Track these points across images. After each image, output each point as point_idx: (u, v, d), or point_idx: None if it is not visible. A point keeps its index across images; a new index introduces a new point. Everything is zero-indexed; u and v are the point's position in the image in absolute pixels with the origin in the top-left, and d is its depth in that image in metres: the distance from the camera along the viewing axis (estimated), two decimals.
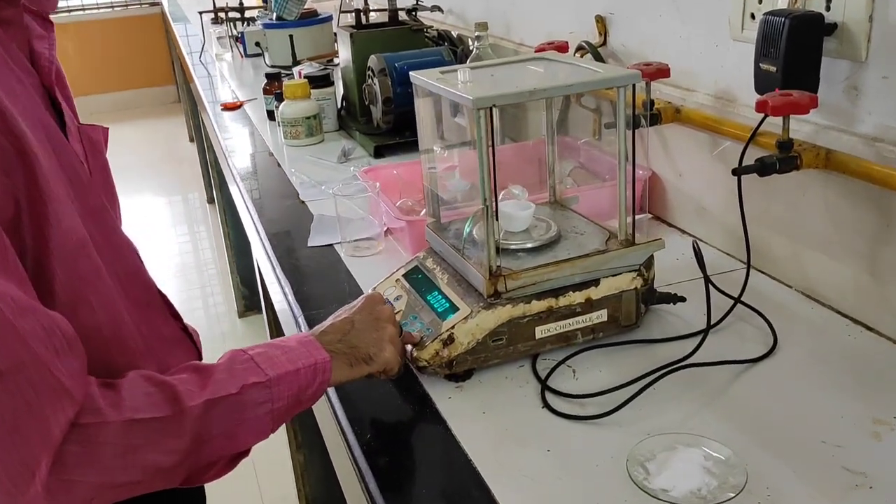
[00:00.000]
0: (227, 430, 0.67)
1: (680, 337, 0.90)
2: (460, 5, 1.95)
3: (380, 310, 0.82)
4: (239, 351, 0.71)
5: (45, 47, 0.71)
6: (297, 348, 0.73)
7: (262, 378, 0.69)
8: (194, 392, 0.65)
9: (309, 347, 0.73)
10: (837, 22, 0.85)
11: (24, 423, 0.55)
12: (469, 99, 0.78)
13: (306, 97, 1.73)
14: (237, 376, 0.68)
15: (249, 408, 0.68)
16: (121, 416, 0.60)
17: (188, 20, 3.86)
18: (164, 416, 0.62)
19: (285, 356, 0.71)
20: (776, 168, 0.87)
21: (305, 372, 0.72)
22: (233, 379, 0.67)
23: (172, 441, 0.63)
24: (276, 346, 0.73)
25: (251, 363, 0.69)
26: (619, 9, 1.27)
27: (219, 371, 0.68)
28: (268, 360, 0.70)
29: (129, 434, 0.60)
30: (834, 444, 0.72)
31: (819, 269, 0.95)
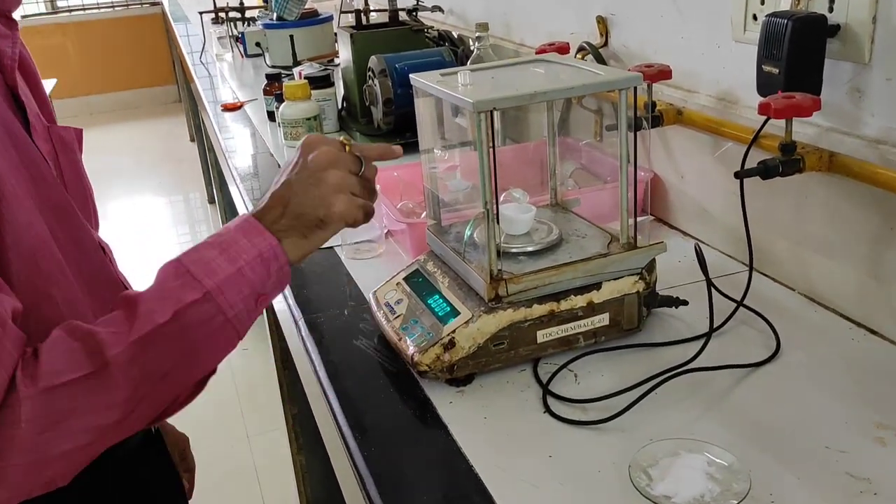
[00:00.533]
0: (177, 360, 0.61)
1: (682, 340, 0.90)
2: (461, 6, 1.95)
3: (314, 159, 0.71)
4: (172, 262, 0.64)
5: (8, 45, 0.69)
6: (238, 239, 0.65)
7: (200, 293, 0.61)
8: (120, 335, 0.58)
9: (250, 235, 0.66)
10: (840, 23, 0.85)
11: None
12: (470, 102, 0.78)
13: (306, 98, 1.72)
14: (169, 298, 0.61)
15: (195, 328, 0.61)
16: (35, 387, 0.55)
17: (188, 20, 3.85)
18: (87, 374, 0.57)
19: (223, 256, 0.64)
20: (779, 171, 0.87)
21: (252, 267, 0.65)
22: (164, 304, 0.60)
23: (105, 396, 0.57)
24: (213, 245, 0.65)
25: (186, 276, 0.62)
26: (620, 9, 1.26)
27: (146, 300, 0.61)
28: (203, 267, 0.63)
29: (51, 404, 0.55)
30: (838, 449, 0.71)
31: (822, 272, 0.95)
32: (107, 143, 5.31)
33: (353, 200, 0.72)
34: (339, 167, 0.71)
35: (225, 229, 0.68)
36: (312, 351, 0.94)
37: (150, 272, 0.80)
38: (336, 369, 0.90)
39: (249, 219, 0.67)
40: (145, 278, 0.67)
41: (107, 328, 0.59)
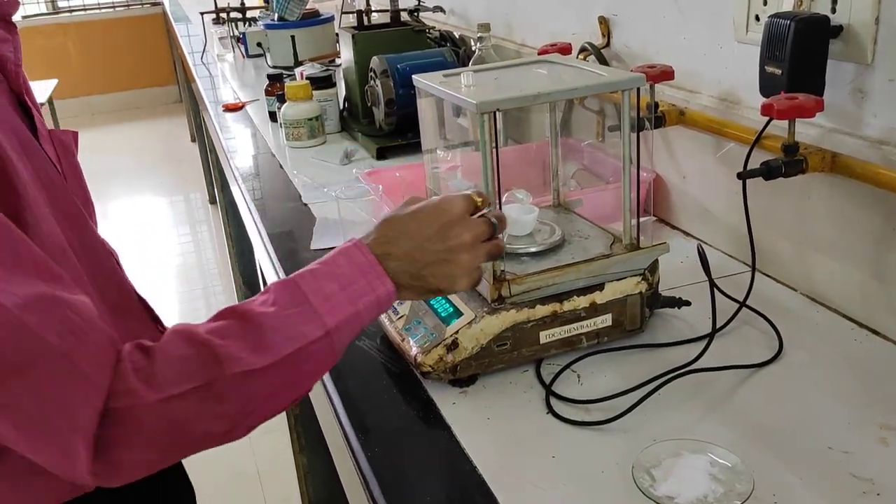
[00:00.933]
0: (285, 385, 0.62)
1: (685, 341, 0.90)
2: (462, 6, 1.95)
3: (455, 234, 0.69)
4: (289, 284, 0.64)
5: (9, 51, 0.69)
6: (357, 279, 0.65)
7: (322, 331, 0.62)
8: (241, 359, 0.59)
9: (369, 277, 0.65)
10: (843, 24, 0.85)
11: (53, 417, 0.54)
12: (473, 103, 0.78)
13: (308, 98, 1.72)
14: (295, 336, 0.61)
15: (308, 362, 0.63)
16: (157, 393, 0.56)
17: (189, 20, 3.85)
18: (202, 385, 0.58)
19: (344, 293, 0.64)
20: (782, 172, 0.87)
21: (367, 310, 0.65)
22: (290, 340, 0.61)
23: (217, 407, 0.59)
24: (331, 277, 0.64)
25: (307, 306, 0.62)
26: (622, 10, 1.26)
27: (272, 330, 0.61)
28: (324, 301, 0.63)
29: (169, 410, 0.57)
30: (841, 450, 0.71)
31: (825, 273, 0.95)
32: (107, 143, 5.31)
33: (475, 274, 0.72)
34: (476, 250, 0.71)
35: (341, 260, 0.67)
36: None
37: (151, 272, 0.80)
38: (339, 370, 0.90)
39: (372, 259, 0.67)
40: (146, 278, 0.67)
41: (224, 342, 0.59)
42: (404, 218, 0.71)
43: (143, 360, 0.58)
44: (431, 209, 0.71)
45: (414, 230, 0.69)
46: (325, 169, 1.58)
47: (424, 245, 0.69)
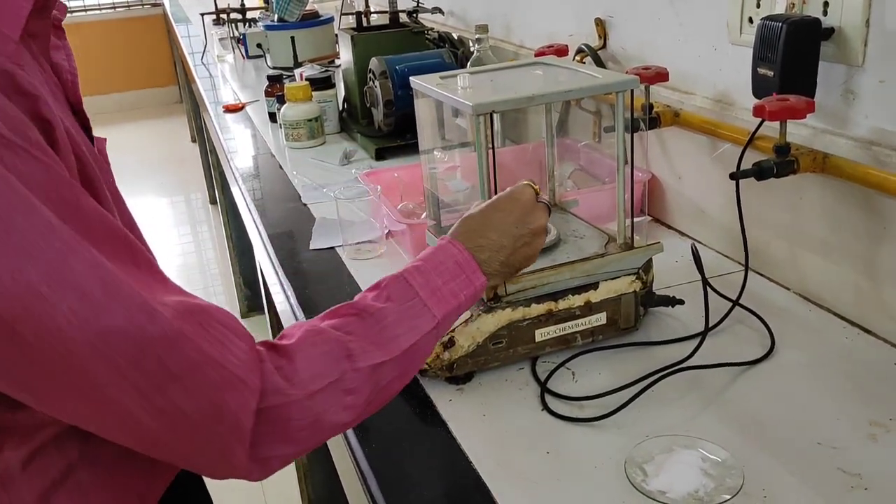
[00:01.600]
0: (400, 375, 0.67)
1: (678, 339, 0.91)
2: (461, 7, 1.96)
3: (534, 218, 0.78)
4: (400, 280, 0.69)
5: (62, 58, 0.68)
6: (457, 274, 0.71)
7: (433, 324, 0.68)
8: (369, 352, 0.64)
9: (468, 272, 0.72)
10: (834, 26, 0.86)
11: (212, 420, 0.56)
12: (469, 105, 0.79)
13: (308, 99, 1.74)
14: (412, 329, 0.67)
15: (420, 351, 0.68)
16: (302, 390, 0.60)
17: (190, 21, 3.87)
18: (340, 378, 0.62)
19: (447, 287, 0.70)
20: (773, 172, 0.88)
21: (466, 303, 0.72)
22: (408, 333, 0.67)
23: (351, 398, 0.63)
24: (437, 273, 0.70)
25: (417, 301, 0.68)
26: (618, 12, 1.28)
27: (392, 325, 0.66)
28: (434, 296, 0.69)
29: (313, 405, 0.61)
30: (830, 445, 0.73)
31: (817, 272, 0.96)
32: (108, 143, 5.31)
33: None
34: (543, 233, 0.80)
35: (439, 257, 0.72)
36: None
37: None
38: None
39: (466, 255, 0.73)
40: None
41: (353, 338, 0.64)
42: (486, 211, 0.78)
43: (283, 360, 0.61)
44: (508, 199, 0.79)
45: (499, 220, 0.76)
46: (324, 169, 1.59)
47: (510, 231, 0.76)
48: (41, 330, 0.50)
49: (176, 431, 0.55)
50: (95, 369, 0.52)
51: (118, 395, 0.53)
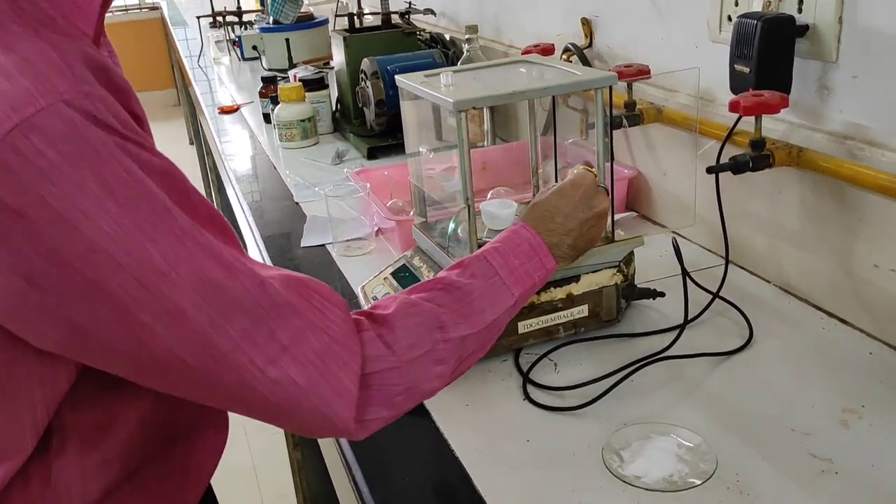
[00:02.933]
0: (483, 344, 0.71)
1: (659, 331, 0.93)
2: (452, 8, 1.98)
3: (598, 202, 0.84)
4: (481, 259, 0.73)
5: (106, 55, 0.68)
6: (532, 256, 0.76)
7: (511, 301, 0.72)
8: (458, 324, 0.68)
9: (541, 255, 0.76)
10: (809, 24, 0.88)
11: (320, 386, 0.58)
12: (450, 101, 0.81)
13: (301, 100, 1.76)
14: (496, 303, 0.71)
15: (500, 325, 0.72)
16: (402, 357, 0.64)
17: (187, 24, 3.89)
18: (433, 348, 0.66)
19: (523, 267, 0.74)
20: (749, 166, 0.90)
21: (539, 283, 0.76)
22: (493, 307, 0.71)
23: (439, 367, 0.67)
24: (514, 254, 0.75)
25: (498, 280, 0.72)
26: (603, 11, 1.30)
27: (479, 298, 0.70)
28: (512, 275, 0.73)
29: (411, 371, 0.64)
30: (803, 431, 0.74)
31: (796, 264, 0.98)
32: None
33: None
34: (606, 215, 0.86)
35: (515, 240, 0.76)
36: None
37: None
38: None
39: (539, 240, 0.77)
40: None
41: (445, 310, 0.68)
42: (552, 198, 0.82)
43: (382, 328, 0.64)
44: (571, 186, 0.84)
45: (565, 206, 0.81)
46: (317, 169, 1.61)
47: (576, 215, 0.81)
48: (161, 310, 0.53)
49: (290, 401, 0.58)
50: (213, 341, 0.55)
51: (234, 369, 0.56)
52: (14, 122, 0.48)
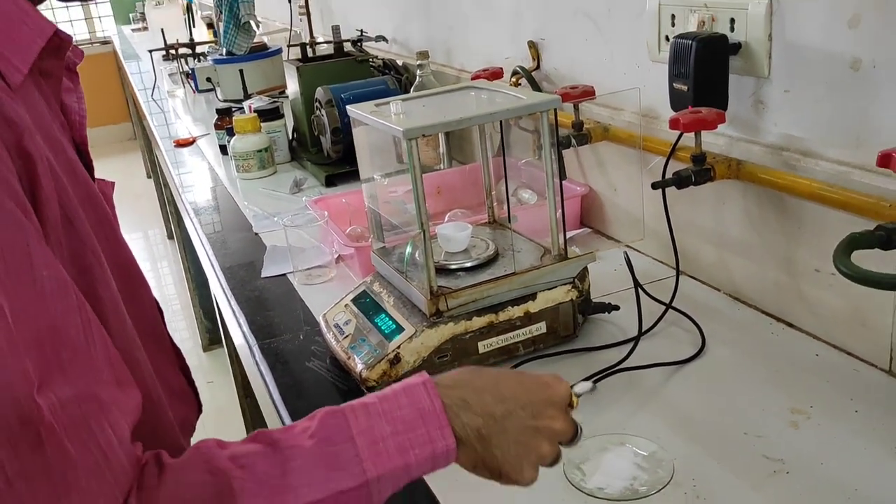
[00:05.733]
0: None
1: (616, 344, 0.95)
2: (403, 35, 2.01)
3: (550, 416, 0.62)
4: (338, 416, 0.56)
5: (73, 101, 0.69)
6: (416, 425, 0.56)
7: (358, 482, 0.54)
8: (259, 496, 0.52)
9: (432, 427, 0.57)
10: (741, 42, 0.92)
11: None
12: (400, 130, 0.83)
13: (256, 131, 1.76)
14: (321, 476, 0.53)
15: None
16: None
17: (140, 58, 3.88)
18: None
19: (396, 438, 0.56)
20: (692, 181, 0.93)
21: (419, 463, 0.56)
22: (319, 486, 0.53)
23: None
24: (388, 418, 0.57)
25: (349, 452, 0.54)
26: (549, 34, 1.33)
27: (300, 470, 0.53)
28: (373, 447, 0.55)
29: None
30: (755, 434, 0.77)
31: (743, 272, 1.01)
32: None
33: (536, 472, 0.62)
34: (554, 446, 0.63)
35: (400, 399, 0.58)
36: (267, 375, 0.98)
37: None
38: (289, 391, 0.94)
39: (437, 403, 0.58)
40: None
41: (243, 473, 0.53)
42: (503, 375, 0.64)
43: (152, 480, 0.52)
44: (536, 378, 0.64)
45: (508, 391, 0.61)
46: (275, 198, 1.62)
47: (514, 411, 0.60)
48: None
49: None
50: None
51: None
52: None
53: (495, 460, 0.60)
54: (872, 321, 0.84)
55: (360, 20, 2.22)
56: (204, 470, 0.53)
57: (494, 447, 0.59)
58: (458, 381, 0.61)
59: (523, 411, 0.60)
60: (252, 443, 0.55)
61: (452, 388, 0.60)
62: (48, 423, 0.47)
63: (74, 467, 0.48)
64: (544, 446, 0.61)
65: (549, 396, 0.63)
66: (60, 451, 0.48)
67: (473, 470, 0.61)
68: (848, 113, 0.82)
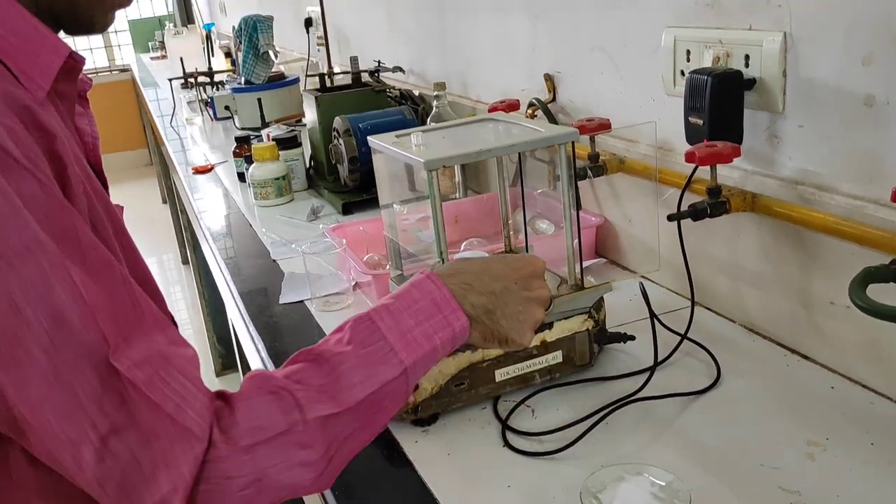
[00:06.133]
0: (363, 424, 0.62)
1: (632, 373, 0.96)
2: (420, 66, 2.04)
3: (536, 285, 0.74)
4: (365, 321, 0.64)
5: (85, 124, 0.72)
6: (433, 313, 0.65)
7: (398, 370, 0.62)
8: (321, 403, 0.59)
9: (447, 312, 0.66)
10: (756, 77, 0.93)
11: (158, 471, 0.54)
12: (421, 161, 0.85)
13: (275, 159, 1.79)
14: (372, 376, 0.61)
15: (385, 400, 0.63)
16: (238, 443, 0.56)
17: (158, 85, 3.94)
18: (289, 430, 0.58)
19: (420, 328, 0.64)
20: (707, 213, 0.94)
21: (443, 347, 0.66)
22: (367, 381, 0.61)
23: (304, 453, 0.58)
24: (409, 312, 0.65)
25: (385, 348, 0.62)
26: (565, 68, 1.35)
27: (348, 372, 0.61)
28: (401, 338, 0.63)
29: (254, 460, 0.57)
30: (771, 466, 0.77)
31: (758, 304, 1.02)
32: None
33: (534, 332, 0.75)
34: (543, 310, 0.75)
35: (415, 295, 0.66)
36: None
37: None
38: None
39: (446, 292, 0.67)
40: None
41: (302, 387, 0.60)
42: (489, 260, 0.75)
43: (225, 409, 0.58)
44: (519, 258, 0.76)
45: (498, 272, 0.71)
46: (292, 226, 1.64)
47: (509, 286, 0.71)
48: (10, 359, 0.51)
49: (122, 482, 0.54)
50: (57, 399, 0.52)
51: (74, 431, 0.53)
52: None
53: (501, 329, 0.70)
54: (887, 354, 0.85)
55: (377, 52, 2.26)
56: (267, 392, 0.59)
57: (500, 318, 0.70)
58: (456, 269, 0.70)
59: (516, 285, 0.71)
60: (297, 362, 0.63)
61: (454, 276, 0.69)
62: (127, 379, 0.53)
63: (158, 413, 0.54)
64: (538, 311, 0.74)
65: (533, 271, 0.74)
66: (143, 401, 0.54)
67: (484, 343, 0.71)
68: (862, 148, 0.84)
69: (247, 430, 0.57)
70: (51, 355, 0.52)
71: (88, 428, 0.53)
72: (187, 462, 0.54)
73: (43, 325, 0.52)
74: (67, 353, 0.52)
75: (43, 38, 0.64)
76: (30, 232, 0.52)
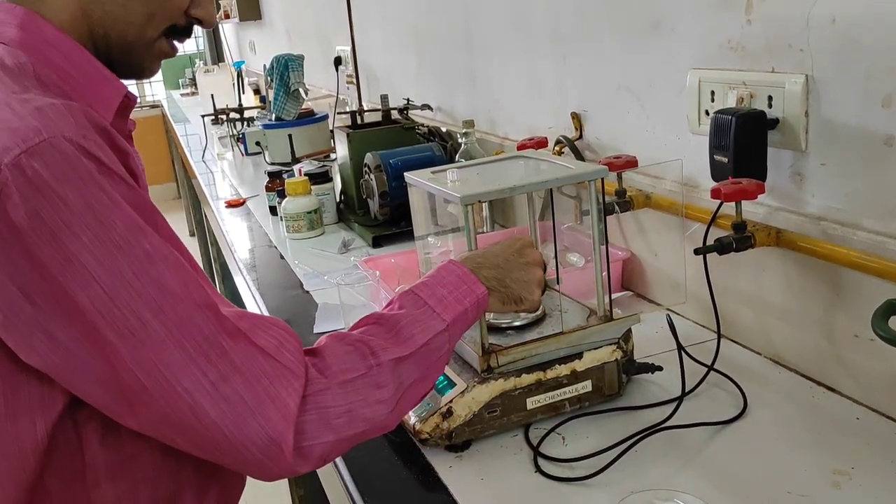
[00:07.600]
0: (421, 374, 0.76)
1: (660, 403, 0.99)
2: (449, 104, 2.10)
3: (529, 252, 0.89)
4: (409, 293, 0.79)
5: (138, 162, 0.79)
6: (459, 285, 0.81)
7: (442, 326, 0.78)
8: (388, 348, 0.73)
9: (469, 283, 0.81)
10: (779, 117, 0.97)
11: (266, 406, 0.65)
12: (458, 196, 0.89)
13: (307, 193, 1.85)
14: (425, 328, 0.77)
15: (434, 352, 0.77)
16: (333, 379, 0.69)
17: (188, 120, 4.04)
18: (367, 372, 0.71)
19: (452, 295, 0.80)
20: (733, 247, 0.97)
21: (471, 310, 0.81)
22: (422, 331, 0.76)
23: (380, 392, 0.72)
24: (441, 285, 0.80)
25: (428, 308, 0.78)
26: (591, 106, 1.40)
27: (407, 325, 0.76)
28: (441, 303, 0.79)
29: (346, 394, 0.69)
30: (798, 493, 0.79)
31: (783, 337, 1.04)
32: None
33: (541, 288, 0.90)
34: (543, 270, 0.90)
35: (442, 273, 0.82)
36: None
37: None
38: None
39: (465, 269, 0.83)
40: None
41: (374, 337, 0.74)
42: (487, 247, 0.89)
43: (314, 357, 0.71)
44: (508, 238, 0.92)
45: (498, 251, 0.88)
46: (324, 258, 1.69)
47: (509, 258, 0.87)
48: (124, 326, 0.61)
49: (236, 420, 0.64)
50: (170, 356, 0.62)
51: (188, 381, 0.63)
52: (22, 149, 0.60)
53: (513, 292, 0.86)
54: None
55: (406, 90, 2.32)
56: (345, 344, 0.73)
57: (510, 283, 0.86)
58: (466, 256, 0.87)
59: (514, 256, 0.88)
60: (362, 325, 0.78)
61: (467, 260, 0.85)
62: (233, 329, 0.65)
63: (263, 356, 0.66)
64: (537, 271, 0.89)
65: (523, 243, 0.90)
66: (248, 347, 0.66)
67: (503, 307, 0.86)
68: (883, 186, 0.87)
69: (337, 371, 0.70)
70: (162, 319, 0.62)
71: (201, 377, 0.63)
72: (290, 395, 0.66)
73: (151, 295, 0.62)
74: (175, 314, 0.63)
75: (105, 77, 0.74)
76: (132, 219, 0.63)
